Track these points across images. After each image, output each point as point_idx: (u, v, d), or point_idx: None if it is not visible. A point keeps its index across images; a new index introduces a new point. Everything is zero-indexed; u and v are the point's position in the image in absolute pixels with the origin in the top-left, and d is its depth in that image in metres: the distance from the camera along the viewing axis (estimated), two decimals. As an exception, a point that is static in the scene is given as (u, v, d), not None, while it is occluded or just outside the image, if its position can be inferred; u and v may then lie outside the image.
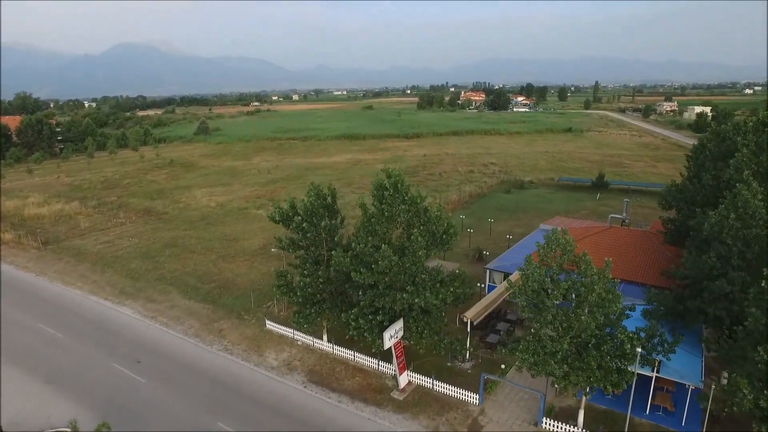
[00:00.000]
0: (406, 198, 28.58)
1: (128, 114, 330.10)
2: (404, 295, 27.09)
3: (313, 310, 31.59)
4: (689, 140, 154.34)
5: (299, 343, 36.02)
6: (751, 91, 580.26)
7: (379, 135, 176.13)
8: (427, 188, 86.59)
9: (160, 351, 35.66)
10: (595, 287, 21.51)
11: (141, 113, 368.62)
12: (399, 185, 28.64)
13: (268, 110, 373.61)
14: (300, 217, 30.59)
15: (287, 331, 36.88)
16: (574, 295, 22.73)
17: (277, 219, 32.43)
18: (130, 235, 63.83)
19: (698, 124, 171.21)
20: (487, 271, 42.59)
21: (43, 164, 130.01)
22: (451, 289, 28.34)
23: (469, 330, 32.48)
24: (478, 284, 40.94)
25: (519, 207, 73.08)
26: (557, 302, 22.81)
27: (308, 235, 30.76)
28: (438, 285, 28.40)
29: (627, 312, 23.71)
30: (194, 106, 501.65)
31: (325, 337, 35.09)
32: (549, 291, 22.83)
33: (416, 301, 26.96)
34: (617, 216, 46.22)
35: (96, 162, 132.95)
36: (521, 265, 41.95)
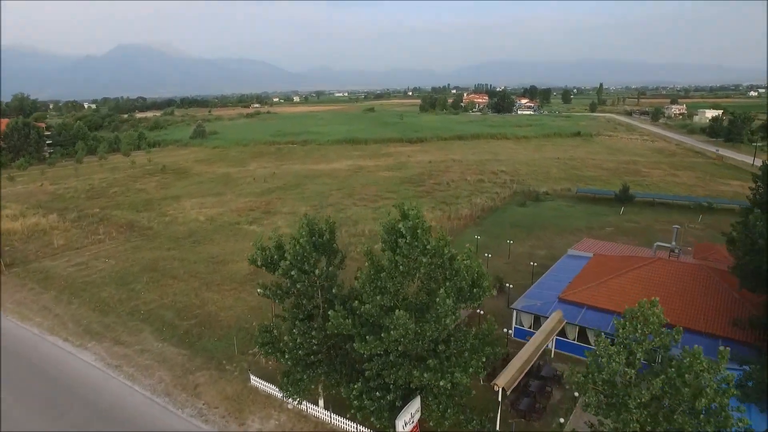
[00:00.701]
0: (428, 247, 22.02)
1: (126, 116, 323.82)
2: (425, 374, 20.55)
3: (305, 375, 25.10)
4: (705, 146, 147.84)
5: (290, 407, 29.53)
6: (756, 94, 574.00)
7: (381, 139, 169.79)
8: (434, 200, 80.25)
9: (121, 416, 29.18)
10: (708, 390, 15.07)
11: (140, 115, 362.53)
12: (419, 230, 22.05)
13: (268, 112, 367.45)
14: (288, 262, 24.06)
15: (275, 390, 30.41)
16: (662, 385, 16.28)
17: (259, 264, 25.96)
18: (108, 256, 57.38)
19: (713, 129, 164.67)
20: (514, 312, 36.07)
21: (28, 170, 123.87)
22: (483, 359, 21.88)
23: (500, 399, 26.02)
24: (505, 330, 34.46)
25: (536, 223, 66.55)
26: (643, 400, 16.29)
27: (298, 285, 24.27)
28: (466, 354, 21.90)
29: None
30: (194, 108, 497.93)
31: (320, 403, 28.60)
32: (632, 386, 16.40)
33: (441, 383, 20.41)
34: (664, 245, 39.68)
35: (84, 168, 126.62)
36: (555, 306, 35.70)
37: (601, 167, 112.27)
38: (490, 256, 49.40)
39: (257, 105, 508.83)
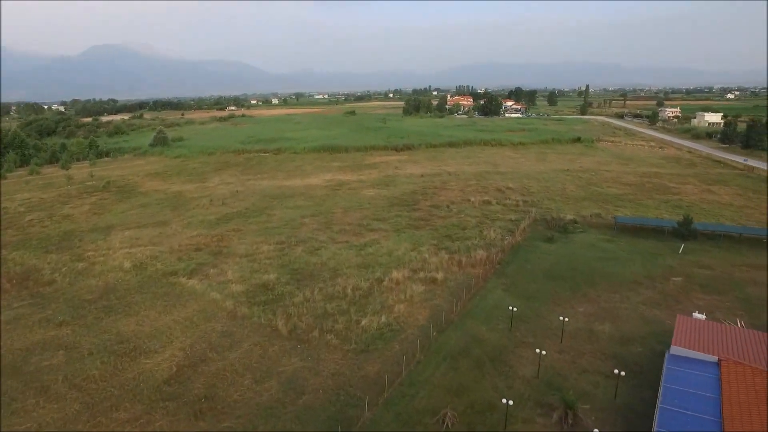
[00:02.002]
0: None
1: (89, 120, 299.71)
2: None
3: None
4: (721, 153, 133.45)
5: None
6: (733, 96, 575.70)
7: (363, 147, 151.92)
8: (435, 233, 62.81)
9: None
10: None
11: (107, 118, 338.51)
12: None
13: (243, 115, 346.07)
14: None
15: None
16: None
17: None
18: (-35, 338, 38.59)
19: (726, 134, 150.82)
20: None
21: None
22: None
23: None
24: None
25: (578, 270, 49.56)
26: None
27: None
28: None
29: None
30: (167, 111, 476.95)
31: None
32: None
33: None
34: None
35: (9, 185, 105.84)
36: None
37: (620, 182, 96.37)
38: (543, 353, 31.82)
39: (233, 107, 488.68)
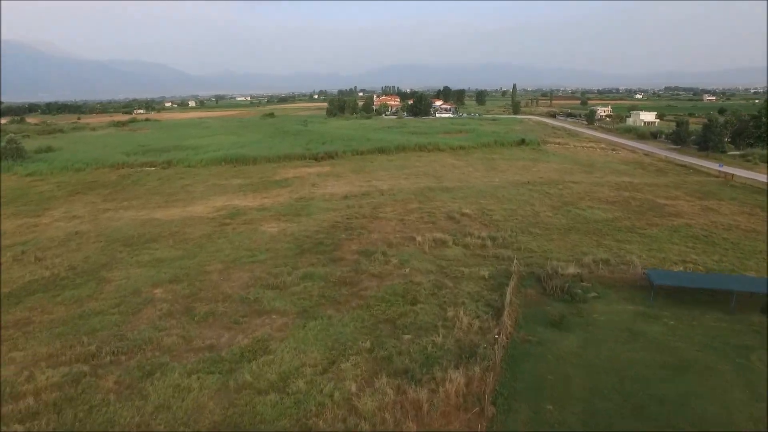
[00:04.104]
0: None
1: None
2: None
3: None
4: (682, 157, 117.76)
5: None
6: (640, 96, 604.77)
7: (276, 156, 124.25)
8: (369, 316, 37.30)
9: None
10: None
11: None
12: None
13: (147, 120, 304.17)
14: None
15: None
16: None
17: None
18: None
19: (679, 135, 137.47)
20: None
21: None
22: None
23: None
24: None
25: (643, 412, 25.90)
26: None
27: None
28: None
29: None
30: (63, 114, 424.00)
31: None
32: None
33: None
34: None
35: None
36: None
37: (598, 198, 76.04)
38: None
39: (141, 111, 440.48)
